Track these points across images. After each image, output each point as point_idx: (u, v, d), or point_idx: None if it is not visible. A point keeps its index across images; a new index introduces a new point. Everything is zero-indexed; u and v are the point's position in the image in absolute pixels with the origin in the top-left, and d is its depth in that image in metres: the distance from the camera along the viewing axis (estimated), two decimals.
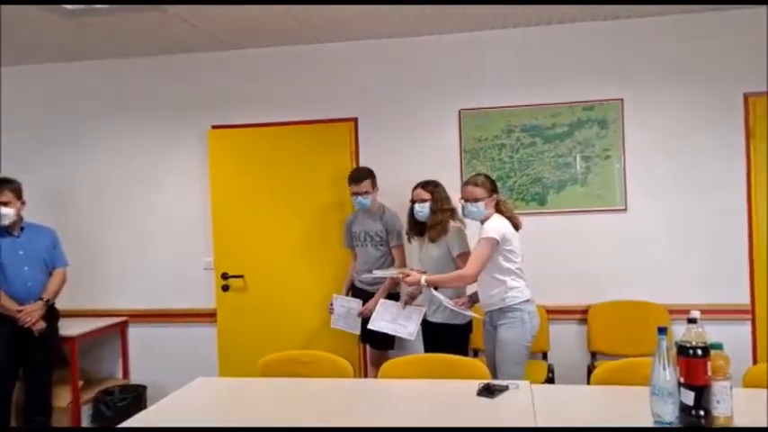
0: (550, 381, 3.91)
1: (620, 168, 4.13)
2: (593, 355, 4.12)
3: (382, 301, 3.87)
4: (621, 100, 4.12)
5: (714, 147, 4.04)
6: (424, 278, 3.36)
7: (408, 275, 3.42)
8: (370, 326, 3.77)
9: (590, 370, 4.08)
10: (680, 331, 1.98)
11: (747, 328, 4.01)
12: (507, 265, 3.26)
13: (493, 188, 3.38)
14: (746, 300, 4.01)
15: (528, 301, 3.29)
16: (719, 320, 3.73)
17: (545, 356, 4.12)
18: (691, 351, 1.93)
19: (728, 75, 4.01)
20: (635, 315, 4.08)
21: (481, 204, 3.32)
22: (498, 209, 3.37)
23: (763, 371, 2.38)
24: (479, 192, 3.32)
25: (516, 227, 3.35)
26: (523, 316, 3.24)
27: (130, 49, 4.53)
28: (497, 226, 3.25)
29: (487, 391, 2.35)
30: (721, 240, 4.04)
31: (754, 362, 3.93)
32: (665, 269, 4.09)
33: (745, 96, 4.00)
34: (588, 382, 4.01)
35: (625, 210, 4.14)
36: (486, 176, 3.45)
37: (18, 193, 3.82)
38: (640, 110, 4.11)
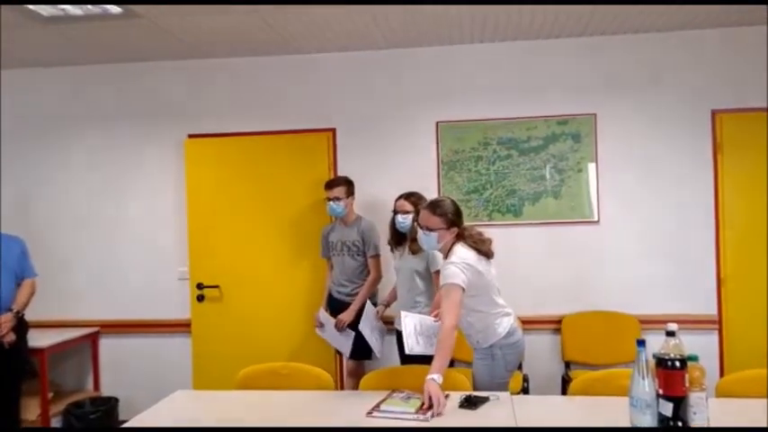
0: (525, 391, 3.95)
1: (593, 181, 4.22)
2: (567, 364, 4.18)
3: (369, 306, 3.88)
4: (595, 114, 4.22)
5: (683, 161, 4.16)
6: (434, 377, 2.47)
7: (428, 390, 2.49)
8: (360, 327, 3.78)
9: (564, 380, 4.15)
10: (651, 341, 2.01)
11: (715, 338, 4.12)
12: (478, 307, 2.84)
13: (454, 221, 2.83)
14: (714, 311, 4.13)
15: (504, 336, 2.86)
16: (688, 330, 3.81)
17: (520, 367, 4.16)
18: (669, 363, 1.97)
19: (697, 91, 4.15)
20: (607, 325, 4.17)
21: (434, 235, 2.83)
22: (462, 237, 2.85)
23: (734, 381, 2.45)
24: (434, 221, 2.82)
25: (487, 255, 2.85)
26: (495, 352, 2.86)
27: (105, 57, 4.47)
28: (456, 268, 2.69)
29: (469, 403, 2.37)
30: (690, 252, 4.15)
31: (722, 371, 4.04)
32: (636, 280, 4.19)
33: (713, 113, 4.13)
34: (563, 392, 4.13)
35: (597, 222, 4.23)
36: (453, 203, 2.90)
37: None
38: (613, 124, 4.21)
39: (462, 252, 2.77)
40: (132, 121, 4.64)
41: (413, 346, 3.01)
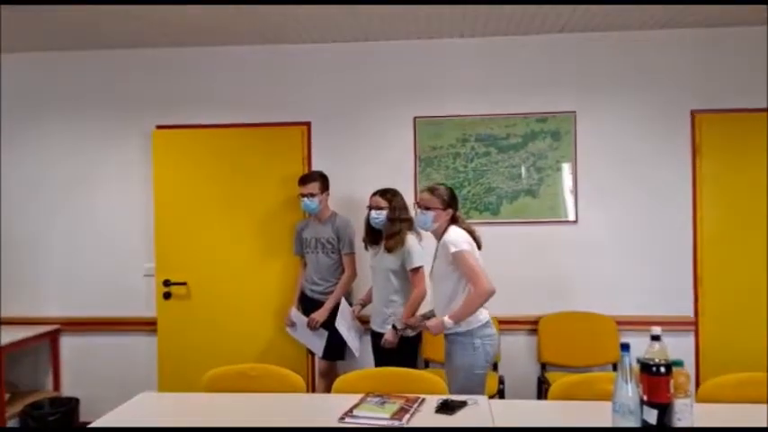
0: (501, 392, 3.88)
1: (572, 180, 4.16)
2: (543, 366, 4.12)
3: (344, 304, 3.80)
4: (574, 113, 4.16)
5: (662, 161, 4.13)
6: (446, 319, 2.94)
7: (428, 329, 3.06)
8: (336, 324, 3.73)
9: (540, 381, 4.09)
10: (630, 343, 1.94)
11: (691, 339, 4.10)
12: (467, 286, 2.99)
13: (449, 202, 3.11)
14: (690, 312, 4.11)
15: (484, 324, 3.03)
16: (664, 332, 3.75)
17: (495, 367, 4.10)
18: (654, 368, 1.91)
19: (676, 91, 4.12)
20: (584, 326, 4.12)
21: (431, 214, 3.09)
22: (456, 221, 3.14)
23: (716, 385, 2.40)
24: (432, 201, 3.10)
25: (478, 243, 3.09)
26: (475, 341, 2.98)
27: (71, 42, 4.27)
28: (460, 238, 3.00)
29: (446, 408, 2.28)
30: (667, 253, 4.13)
31: (698, 372, 4.02)
32: (613, 281, 4.15)
33: (692, 113, 4.11)
34: (539, 394, 4.08)
35: (575, 222, 4.18)
36: (449, 189, 3.18)
37: None
38: (592, 123, 4.17)
39: (459, 230, 3.06)
40: (98, 111, 4.44)
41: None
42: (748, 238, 4.06)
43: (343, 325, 3.75)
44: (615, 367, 4.02)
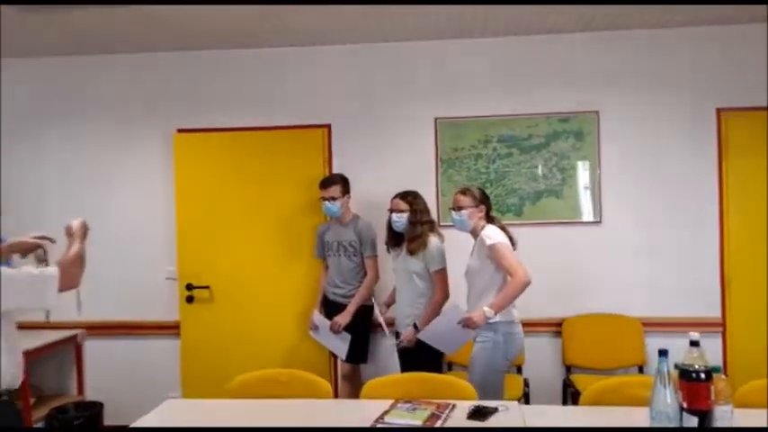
0: (526, 396, 3.85)
1: (596, 181, 4.11)
2: (568, 368, 4.08)
3: (319, 316, 3.93)
4: (597, 112, 4.11)
5: (687, 161, 4.07)
6: (486, 309, 2.97)
7: (470, 319, 3.00)
8: (313, 335, 3.92)
9: (565, 384, 4.04)
10: (655, 344, 1.91)
11: (719, 341, 4.04)
12: (500, 279, 3.08)
13: (481, 200, 3.23)
14: (718, 313, 4.05)
15: (511, 322, 3.09)
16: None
17: (519, 370, 4.06)
18: (694, 375, 1.87)
19: (701, 89, 4.06)
20: (609, 328, 4.08)
21: (465, 213, 3.19)
22: (491, 221, 3.25)
23: (755, 389, 2.36)
24: (465, 200, 3.21)
25: (512, 241, 3.16)
26: (497, 338, 3.03)
27: (92, 46, 4.28)
28: (496, 232, 3.10)
29: (478, 414, 2.25)
30: (693, 253, 4.07)
31: (725, 375, 3.95)
32: (638, 281, 4.09)
33: (718, 111, 4.04)
34: (564, 397, 4.04)
35: (599, 222, 4.13)
36: (480, 188, 3.37)
37: None
38: (615, 122, 4.11)
39: (495, 229, 3.14)
40: (120, 115, 4.45)
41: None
42: None
43: (323, 335, 3.86)
44: (641, 369, 3.98)
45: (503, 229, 3.20)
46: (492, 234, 3.10)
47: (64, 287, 2.12)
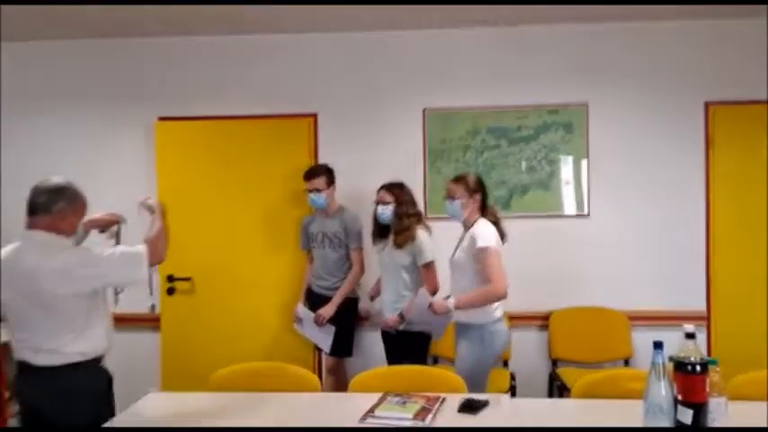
0: (512, 389, 3.82)
1: (584, 173, 4.09)
2: (555, 362, 4.06)
3: (304, 310, 3.86)
4: (587, 104, 4.09)
5: (675, 154, 4.06)
6: (451, 302, 3.01)
7: (431, 305, 3.07)
8: (297, 328, 3.86)
9: (552, 377, 4.03)
10: (641, 338, 1.89)
11: (703, 334, 4.04)
12: (481, 280, 3.02)
13: (475, 189, 3.15)
14: (703, 306, 4.05)
15: (495, 321, 3.06)
16: (676, 327, 3.72)
17: (506, 364, 4.03)
18: (689, 367, 1.85)
19: (690, 83, 4.05)
20: (595, 321, 4.07)
21: (457, 203, 3.13)
22: (484, 213, 3.17)
23: (746, 382, 2.35)
24: (457, 189, 3.14)
25: (502, 235, 3.14)
26: (483, 335, 3.02)
27: (70, 31, 4.15)
28: (488, 234, 3.02)
29: (469, 408, 2.21)
30: (680, 246, 4.07)
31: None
32: (625, 275, 4.09)
33: (706, 105, 4.04)
34: (550, 390, 4.02)
35: (587, 215, 4.11)
36: (475, 175, 3.27)
37: None
38: (605, 115, 4.09)
39: (488, 227, 3.06)
40: (99, 102, 4.33)
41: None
42: (762, 232, 3.99)
43: (308, 328, 3.80)
44: (627, 362, 3.98)
45: (496, 222, 3.15)
46: (486, 235, 3.02)
47: (153, 262, 2.43)
